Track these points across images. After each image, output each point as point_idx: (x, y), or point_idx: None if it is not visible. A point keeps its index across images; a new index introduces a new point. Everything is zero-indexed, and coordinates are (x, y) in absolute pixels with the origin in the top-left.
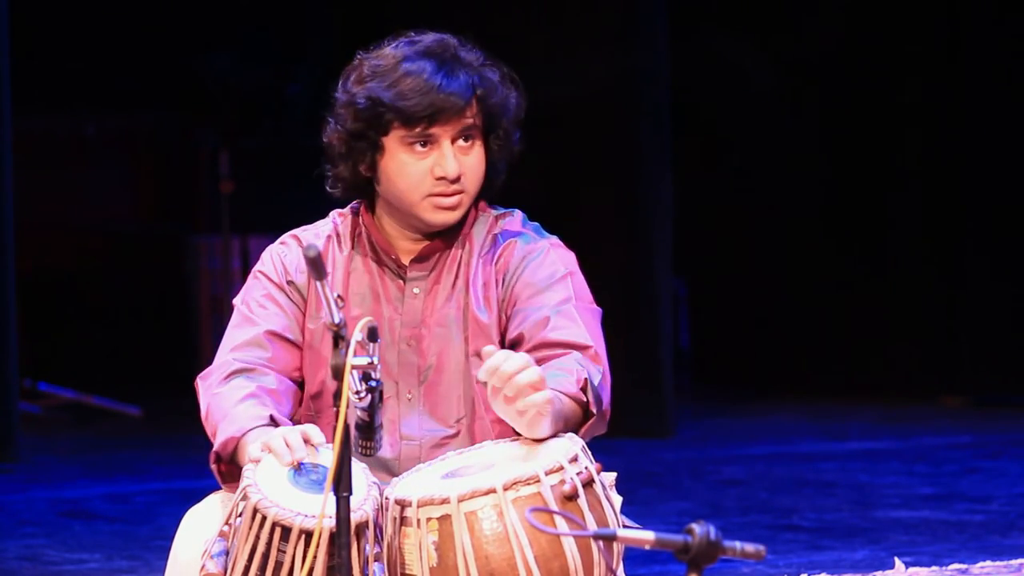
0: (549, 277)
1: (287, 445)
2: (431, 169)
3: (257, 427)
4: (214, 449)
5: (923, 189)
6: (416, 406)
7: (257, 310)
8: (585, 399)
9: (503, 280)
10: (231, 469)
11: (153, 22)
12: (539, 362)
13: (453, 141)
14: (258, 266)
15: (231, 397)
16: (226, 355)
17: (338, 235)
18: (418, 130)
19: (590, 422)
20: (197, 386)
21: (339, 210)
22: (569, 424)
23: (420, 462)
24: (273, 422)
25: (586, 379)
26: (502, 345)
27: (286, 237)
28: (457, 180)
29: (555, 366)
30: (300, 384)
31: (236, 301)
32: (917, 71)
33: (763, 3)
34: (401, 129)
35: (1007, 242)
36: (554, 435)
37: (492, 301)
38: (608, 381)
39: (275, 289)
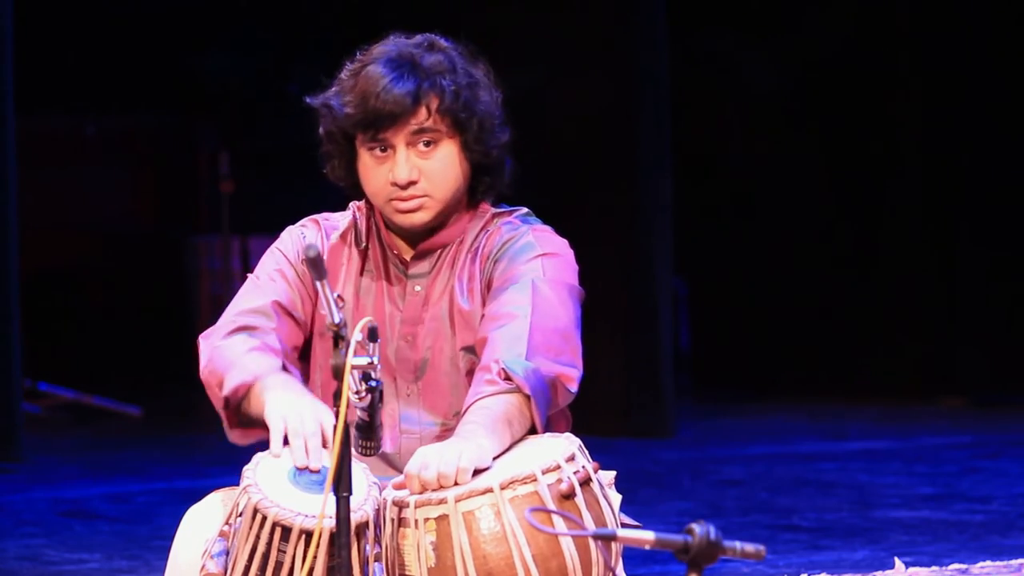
0: (521, 259)
1: (305, 449)
2: (388, 174)
3: (270, 375)
4: (223, 395)
5: (922, 189)
6: (414, 401)
7: (267, 282)
8: (514, 384)
9: (483, 269)
10: (239, 417)
11: (153, 22)
12: (482, 342)
13: (411, 145)
14: (276, 243)
15: (236, 350)
16: (230, 316)
17: (356, 230)
18: (369, 135)
19: (533, 403)
20: (199, 343)
21: (358, 203)
22: (515, 419)
23: None
24: (285, 371)
25: (504, 368)
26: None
27: (307, 221)
28: (410, 185)
29: (480, 366)
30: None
31: (251, 274)
32: (916, 72)
33: (763, 3)
34: (360, 135)
35: (1006, 242)
36: (515, 437)
37: (476, 291)
38: (546, 338)
39: (287, 265)
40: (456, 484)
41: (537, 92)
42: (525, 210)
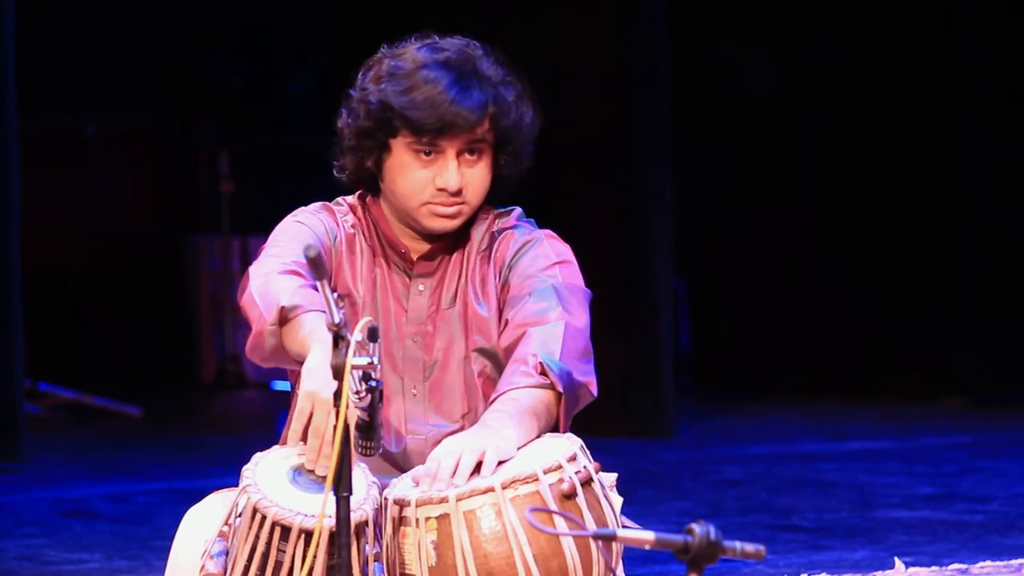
0: (539, 265)
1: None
2: (433, 178)
3: (321, 316)
4: (280, 304)
5: (922, 189)
6: (421, 401)
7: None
8: (548, 380)
9: (499, 272)
10: (275, 340)
11: (154, 23)
12: (516, 341)
13: (459, 154)
14: (299, 217)
15: (291, 284)
16: (283, 259)
17: (362, 226)
18: (425, 139)
19: (563, 400)
20: (248, 272)
21: (349, 199)
22: (542, 414)
23: (425, 456)
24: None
25: (541, 362)
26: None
27: (320, 208)
28: (458, 193)
29: (515, 359)
30: None
31: (277, 234)
32: (918, 71)
33: (763, 3)
34: (408, 136)
35: (1006, 242)
36: (541, 432)
37: (491, 295)
38: (576, 343)
39: (318, 243)
40: (478, 474)
41: (537, 91)
42: (519, 210)
